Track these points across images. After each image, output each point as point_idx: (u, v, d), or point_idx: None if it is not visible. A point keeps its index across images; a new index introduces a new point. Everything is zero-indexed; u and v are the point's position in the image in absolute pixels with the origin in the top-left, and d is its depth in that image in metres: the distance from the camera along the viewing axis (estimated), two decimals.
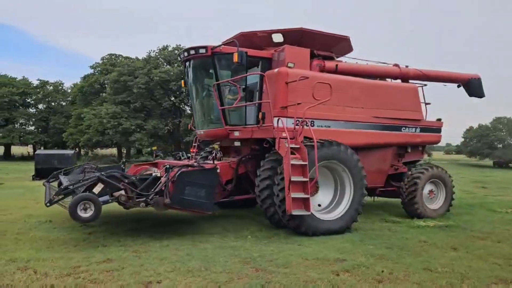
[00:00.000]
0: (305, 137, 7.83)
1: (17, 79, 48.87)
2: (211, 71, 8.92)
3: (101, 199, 6.59)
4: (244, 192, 9.28)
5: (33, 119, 48.41)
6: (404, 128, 9.97)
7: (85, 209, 6.24)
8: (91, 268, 5.39)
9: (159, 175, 7.39)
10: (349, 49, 10.18)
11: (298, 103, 7.81)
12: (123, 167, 9.03)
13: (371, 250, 6.61)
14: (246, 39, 9.28)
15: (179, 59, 9.27)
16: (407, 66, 10.77)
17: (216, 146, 9.37)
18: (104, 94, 44.36)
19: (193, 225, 8.45)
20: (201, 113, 9.89)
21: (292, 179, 7.14)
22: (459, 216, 10.32)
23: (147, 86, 35.48)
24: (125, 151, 44.43)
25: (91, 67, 47.56)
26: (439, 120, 11.09)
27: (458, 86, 11.61)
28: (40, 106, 50.42)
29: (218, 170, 7.92)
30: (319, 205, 8.22)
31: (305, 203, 7.26)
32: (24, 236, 7.19)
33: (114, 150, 51.11)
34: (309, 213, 7.26)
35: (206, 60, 8.86)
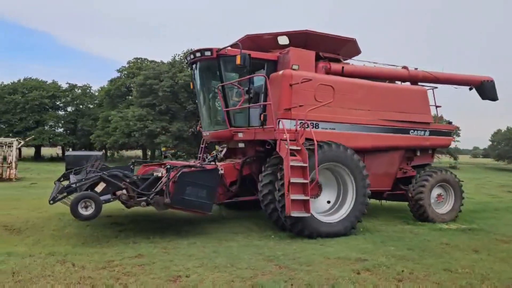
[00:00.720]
0: (307, 139, 7.85)
1: (47, 83, 50.58)
2: (216, 73, 8.98)
3: (102, 197, 6.82)
4: (249, 193, 9.25)
5: (62, 121, 49.99)
6: (412, 131, 9.85)
7: (86, 207, 6.47)
8: (123, 262, 5.73)
9: (160, 175, 7.54)
10: (356, 51, 10.16)
11: (300, 105, 7.89)
12: (132, 168, 9.29)
13: (392, 251, 6.73)
14: (252, 41, 9.42)
15: (185, 61, 9.38)
16: (416, 69, 10.66)
17: (217, 147, 9.58)
18: (130, 97, 45.49)
19: (218, 225, 8.72)
20: (207, 115, 9.99)
21: (291, 181, 7.19)
22: (484, 220, 10.29)
23: (172, 89, 36.26)
24: (150, 153, 45.35)
25: (118, 70, 48.88)
26: (449, 123, 10.99)
27: (470, 89, 11.40)
28: (69, 108, 52.07)
29: (222, 171, 8.08)
30: (329, 202, 8.33)
31: (305, 205, 7.30)
32: (60, 232, 7.64)
33: (139, 152, 52.29)
34: (309, 214, 7.27)
35: (211, 63, 8.97)
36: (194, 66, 9.57)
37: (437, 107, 10.66)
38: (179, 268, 5.47)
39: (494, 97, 11.41)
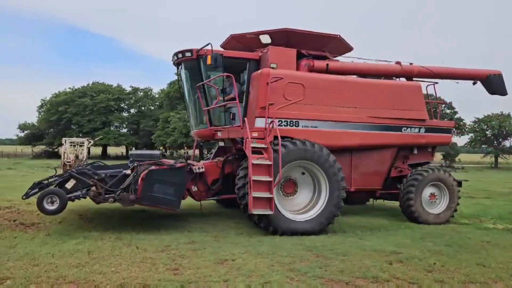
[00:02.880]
0: (285, 137, 8.03)
1: (112, 86, 54.17)
2: (198, 73, 9.09)
3: (74, 194, 7.38)
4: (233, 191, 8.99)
5: (126, 122, 53.36)
6: (405, 128, 9.52)
7: (52, 202, 6.97)
8: (179, 247, 6.54)
9: (128, 172, 7.84)
10: (346, 48, 9.96)
11: (271, 104, 7.98)
12: (130, 166, 9.96)
13: (429, 246, 6.99)
14: (237, 41, 9.57)
15: (172, 62, 9.76)
16: (411, 64, 10.26)
17: (186, 147, 9.93)
18: None
19: None
20: (192, 114, 10.22)
21: (253, 179, 7.28)
22: None
23: None
24: (206, 151, 47.05)
25: (176, 73, 51.15)
26: (450, 119, 10.63)
27: (474, 83, 10.83)
28: (132, 110, 55.43)
29: (202, 170, 8.38)
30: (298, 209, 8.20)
31: (269, 202, 7.35)
32: (125, 221, 8.65)
33: (196, 151, 54.27)
34: (271, 212, 7.31)
35: (193, 63, 9.08)
36: (179, 67, 9.76)
37: (438, 103, 10.28)
38: (226, 253, 6.18)
39: (503, 92, 10.85)
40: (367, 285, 4.99)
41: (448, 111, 50.47)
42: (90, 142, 24.01)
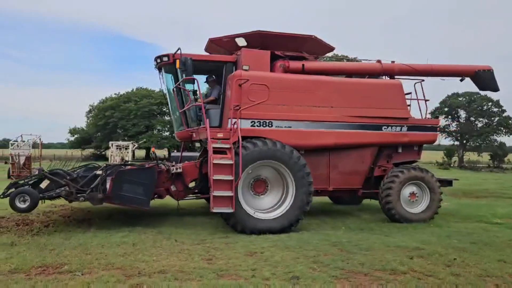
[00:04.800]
0: (256, 137, 8.27)
1: (155, 91, 56.24)
2: (177, 76, 9.33)
3: (46, 193, 7.77)
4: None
5: (168, 126, 55.16)
6: (385, 127, 9.42)
7: (24, 201, 7.35)
8: (214, 241, 7.14)
9: (99, 173, 8.09)
10: (326, 47, 10.06)
11: (236, 105, 8.22)
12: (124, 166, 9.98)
13: (454, 243, 7.15)
14: (216, 44, 9.77)
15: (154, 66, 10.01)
16: (393, 62, 10.16)
17: (153, 149, 10.15)
18: None
19: None
20: (173, 117, 10.55)
21: (214, 178, 7.50)
22: None
23: None
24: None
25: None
26: (436, 117, 10.30)
27: (461, 80, 10.54)
28: None
29: (181, 170, 8.60)
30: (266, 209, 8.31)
31: (231, 201, 7.55)
32: (165, 218, 9.39)
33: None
34: (232, 210, 7.50)
35: (171, 67, 9.28)
36: (160, 71, 9.94)
37: (426, 101, 10.09)
38: (256, 247, 6.70)
39: (494, 88, 10.60)
40: (384, 276, 5.33)
41: (495, 109, 48.63)
42: (135, 145, 25.32)
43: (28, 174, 8.57)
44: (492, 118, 48.62)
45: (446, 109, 50.00)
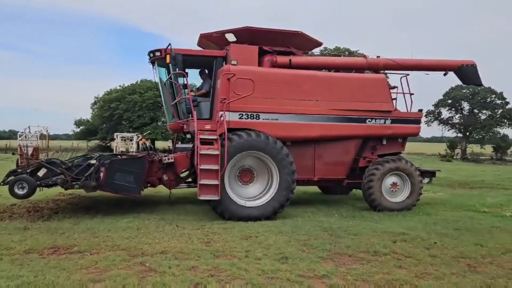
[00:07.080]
0: (243, 129, 8.64)
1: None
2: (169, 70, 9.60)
3: (43, 181, 8.15)
4: None
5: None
6: (369, 120, 9.75)
7: (22, 188, 7.78)
8: (213, 226, 7.64)
9: (93, 162, 8.49)
10: (313, 43, 10.38)
11: (223, 98, 8.60)
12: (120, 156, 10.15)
13: (438, 230, 7.61)
14: (207, 39, 10.14)
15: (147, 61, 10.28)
16: (378, 57, 10.42)
17: (144, 139, 10.47)
18: None
19: (292, 204, 10.13)
20: (166, 109, 10.92)
21: (201, 167, 7.96)
22: None
23: None
24: None
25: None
26: (420, 111, 10.55)
27: (445, 74, 10.87)
28: None
29: (170, 160, 9.01)
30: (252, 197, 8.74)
31: (216, 189, 7.99)
32: (168, 205, 9.88)
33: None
34: (217, 198, 7.96)
35: (163, 61, 9.51)
36: (154, 65, 10.22)
37: (411, 94, 10.36)
38: (251, 231, 7.20)
39: (477, 82, 10.90)
40: (367, 257, 5.83)
41: (498, 101, 48.66)
42: (139, 136, 25.86)
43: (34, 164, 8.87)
44: (496, 110, 48.64)
45: (449, 101, 50.12)
